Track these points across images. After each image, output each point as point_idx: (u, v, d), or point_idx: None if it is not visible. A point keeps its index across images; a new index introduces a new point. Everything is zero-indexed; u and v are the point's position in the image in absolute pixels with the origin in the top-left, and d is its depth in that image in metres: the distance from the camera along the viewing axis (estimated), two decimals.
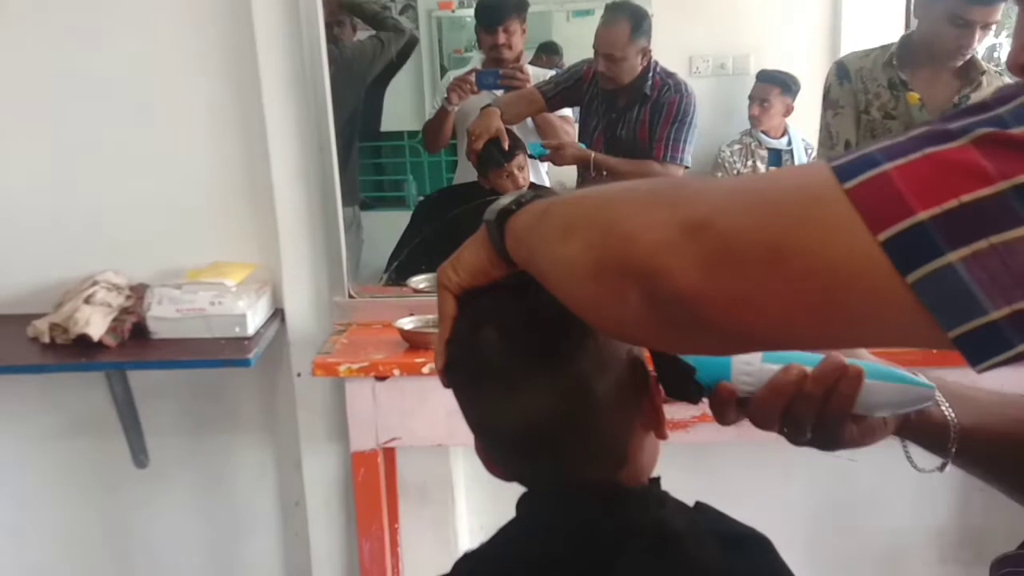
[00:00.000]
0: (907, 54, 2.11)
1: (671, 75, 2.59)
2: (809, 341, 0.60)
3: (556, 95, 2.65)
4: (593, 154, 2.50)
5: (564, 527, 0.73)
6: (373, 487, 1.83)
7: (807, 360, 0.71)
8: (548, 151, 2.53)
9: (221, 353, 1.78)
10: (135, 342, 1.81)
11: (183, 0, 1.87)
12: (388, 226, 2.75)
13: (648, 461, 0.77)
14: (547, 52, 3.41)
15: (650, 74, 2.50)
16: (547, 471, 0.74)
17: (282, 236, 1.92)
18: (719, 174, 3.01)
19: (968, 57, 2.06)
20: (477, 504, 2.19)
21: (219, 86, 1.90)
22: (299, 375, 1.99)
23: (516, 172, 2.37)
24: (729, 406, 0.73)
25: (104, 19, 1.87)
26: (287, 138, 1.87)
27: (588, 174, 2.52)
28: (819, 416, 0.71)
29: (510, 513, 0.78)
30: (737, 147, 3.05)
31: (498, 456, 0.78)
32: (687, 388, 0.72)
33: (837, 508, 2.19)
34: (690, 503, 0.78)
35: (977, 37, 2.00)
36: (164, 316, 1.80)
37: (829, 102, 2.17)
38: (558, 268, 0.59)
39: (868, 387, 0.69)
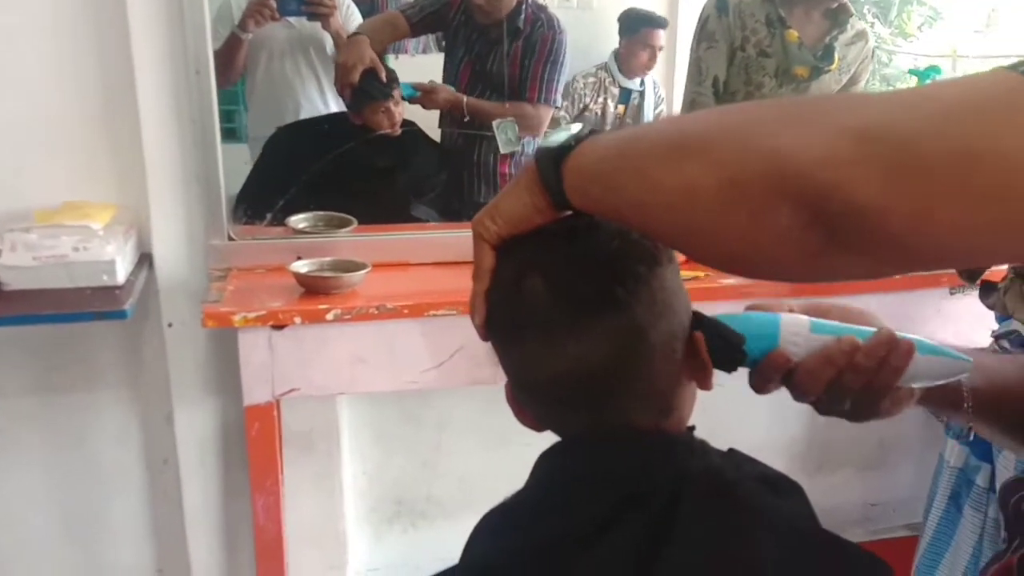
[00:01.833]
0: None
1: (543, 8, 2.53)
2: (995, 254, 0.58)
3: (420, 20, 2.52)
4: (466, 98, 2.41)
5: (617, 474, 0.70)
6: (268, 441, 1.71)
7: (856, 332, 0.71)
8: (418, 93, 2.41)
9: (90, 304, 1.58)
10: None
11: None
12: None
13: (689, 410, 0.76)
14: None
15: (524, 7, 2.43)
16: (592, 419, 0.72)
17: (150, 172, 1.72)
18: (565, 103, 3.02)
19: None
20: (360, 451, 2.12)
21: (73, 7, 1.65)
22: (170, 325, 1.82)
23: (393, 107, 2.25)
24: (777, 375, 0.72)
25: None
26: (156, 57, 1.66)
27: (459, 118, 2.43)
28: (865, 387, 0.71)
29: (393, 459, 0.76)
30: (592, 80, 3.07)
31: (539, 405, 0.75)
32: (734, 356, 0.72)
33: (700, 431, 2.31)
34: None
35: None
36: (18, 265, 1.57)
37: (705, 34, 2.16)
38: (668, 197, 0.54)
39: (915, 360, 0.71)
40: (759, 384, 0.74)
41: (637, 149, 0.57)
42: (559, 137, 0.63)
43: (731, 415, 2.13)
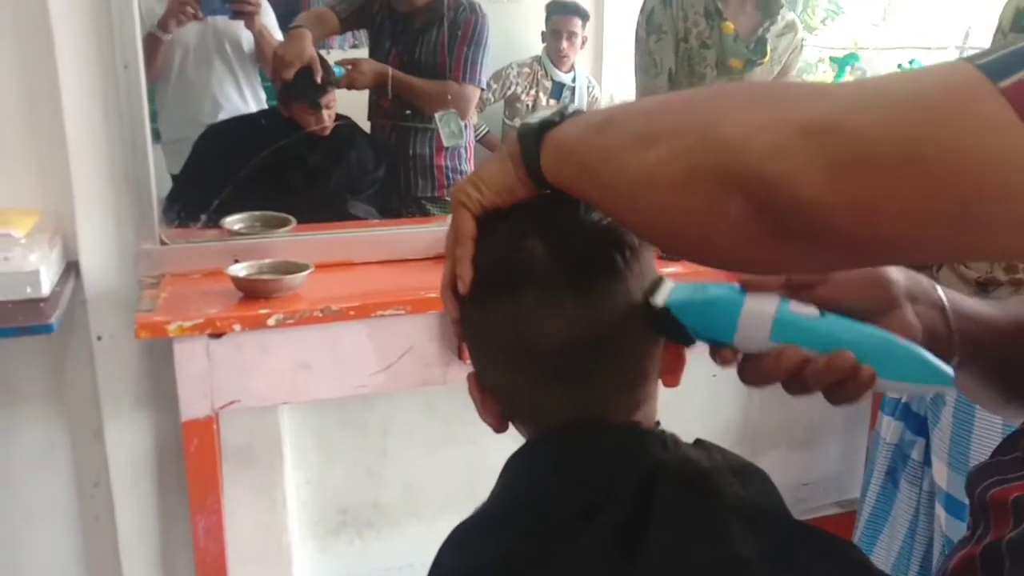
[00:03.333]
0: None
1: None
2: (942, 250, 0.57)
3: (349, 15, 2.46)
4: (391, 71, 2.37)
5: (593, 469, 0.68)
6: (208, 458, 1.63)
7: (821, 339, 0.65)
8: (345, 70, 2.35)
9: (12, 319, 1.47)
10: None
11: None
12: None
13: (656, 405, 0.76)
14: None
15: None
16: (570, 401, 0.70)
17: (75, 174, 1.61)
18: (495, 86, 3.00)
19: None
20: (302, 460, 2.05)
21: None
22: (99, 338, 1.71)
23: (324, 110, 2.17)
24: (725, 367, 0.70)
25: None
26: (80, 51, 1.56)
27: (385, 94, 2.39)
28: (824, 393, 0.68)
29: (336, 465, 0.74)
30: (526, 70, 3.05)
31: (514, 385, 0.72)
32: (680, 334, 0.69)
33: None
34: None
35: None
36: None
37: (652, 26, 2.17)
38: (633, 180, 0.54)
39: (879, 384, 0.65)
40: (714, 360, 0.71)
41: (608, 132, 0.57)
42: (544, 113, 0.64)
43: (666, 403, 2.13)
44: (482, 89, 2.58)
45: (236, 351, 1.59)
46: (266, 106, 2.51)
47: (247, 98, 2.42)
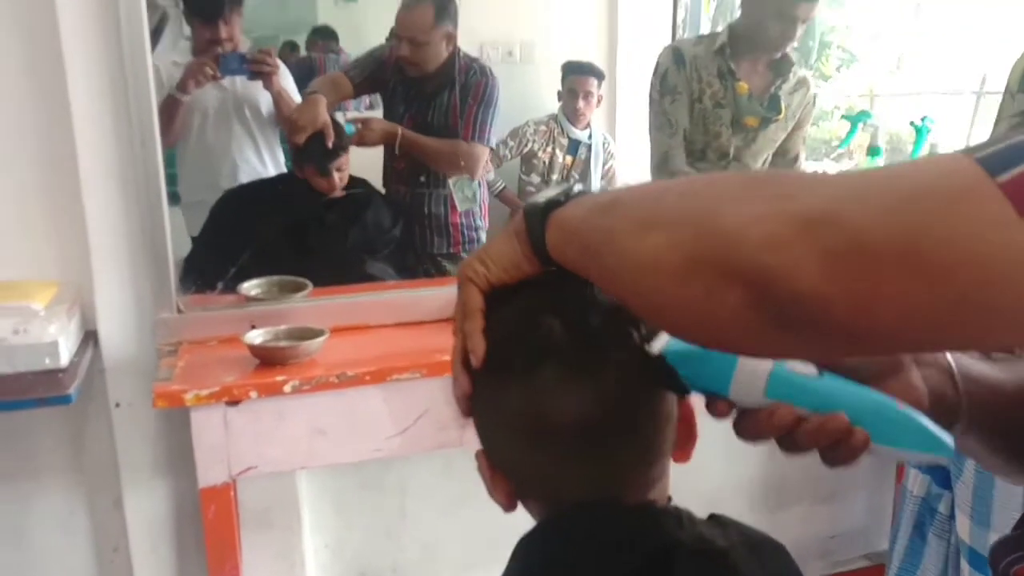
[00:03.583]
0: (735, 44, 2.20)
1: (475, 59, 2.58)
2: (940, 342, 0.58)
3: (363, 80, 2.51)
4: (400, 129, 2.40)
5: (608, 550, 0.68)
6: (226, 524, 1.63)
7: (817, 398, 0.64)
8: (356, 128, 2.38)
9: (31, 391, 1.48)
10: None
11: None
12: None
13: (668, 482, 0.75)
14: (323, 37, 3.24)
15: (456, 59, 2.44)
16: (584, 480, 0.69)
17: (94, 244, 1.64)
18: (511, 143, 3.05)
19: (787, 50, 2.19)
20: (321, 524, 2.04)
21: (4, 61, 1.58)
22: (117, 406, 1.73)
23: (335, 172, 2.21)
24: (720, 418, 0.69)
25: None
26: (99, 124, 1.59)
27: (395, 152, 2.42)
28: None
29: (355, 528, 0.73)
30: (543, 128, 3.09)
31: (526, 465, 0.71)
32: (676, 383, 0.68)
33: None
34: None
35: (799, 31, 2.13)
36: None
37: (667, 87, 2.19)
38: (634, 266, 0.55)
39: (874, 449, 0.64)
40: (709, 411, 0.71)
41: (612, 215, 0.58)
42: (551, 192, 0.65)
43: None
44: (491, 148, 2.62)
45: (253, 418, 1.59)
46: (284, 169, 2.55)
47: (265, 161, 2.47)
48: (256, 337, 1.66)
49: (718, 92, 2.18)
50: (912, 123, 2.90)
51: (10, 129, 1.59)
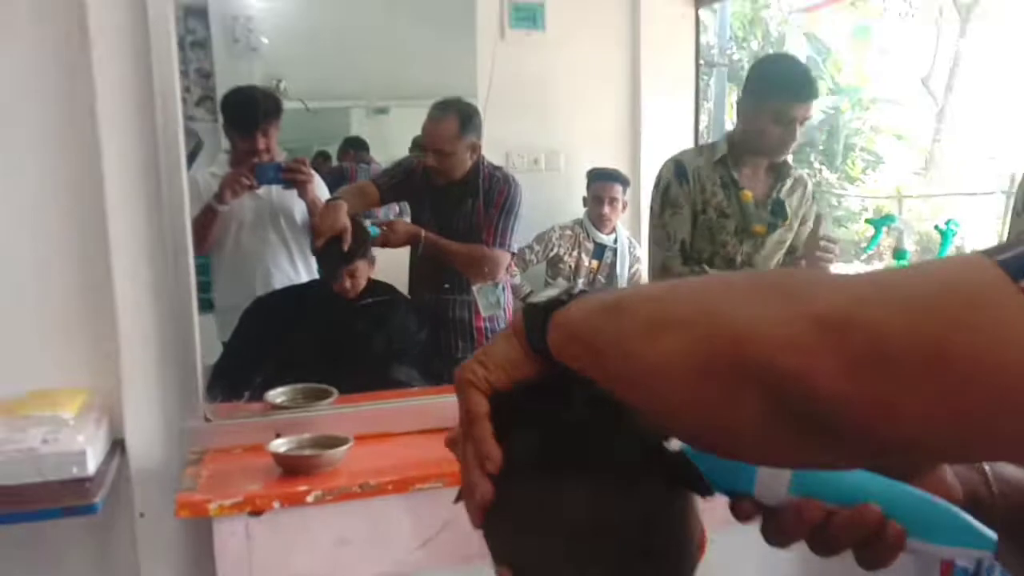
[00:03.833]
0: (735, 153, 2.23)
1: (498, 168, 2.65)
2: (967, 451, 0.54)
3: (390, 189, 2.58)
4: (423, 232, 2.44)
5: None
6: None
7: (843, 492, 0.62)
8: (380, 231, 2.43)
9: (58, 500, 1.49)
10: None
11: (4, 87, 1.61)
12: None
13: None
14: (354, 147, 3.36)
15: (480, 167, 2.51)
16: None
17: (124, 353, 1.67)
18: (537, 247, 3.08)
19: (788, 152, 2.22)
20: None
21: (48, 177, 1.65)
22: (142, 515, 1.72)
23: (356, 272, 2.25)
24: (746, 522, 0.67)
25: None
26: (134, 238, 1.65)
27: (419, 256, 2.46)
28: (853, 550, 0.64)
29: None
30: (568, 233, 3.13)
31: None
32: (697, 483, 0.66)
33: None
34: None
35: (797, 131, 2.16)
36: None
37: (668, 201, 2.21)
38: (644, 369, 0.53)
39: (911, 545, 0.60)
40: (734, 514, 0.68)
41: (617, 316, 0.57)
42: (551, 292, 0.64)
43: (724, 557, 2.06)
44: (513, 253, 2.65)
45: (275, 529, 1.58)
46: (317, 275, 2.61)
47: (299, 268, 2.52)
48: (280, 446, 1.66)
49: (722, 202, 2.20)
50: (937, 227, 2.90)
51: (49, 240, 1.65)
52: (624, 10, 3.52)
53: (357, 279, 2.26)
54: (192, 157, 2.75)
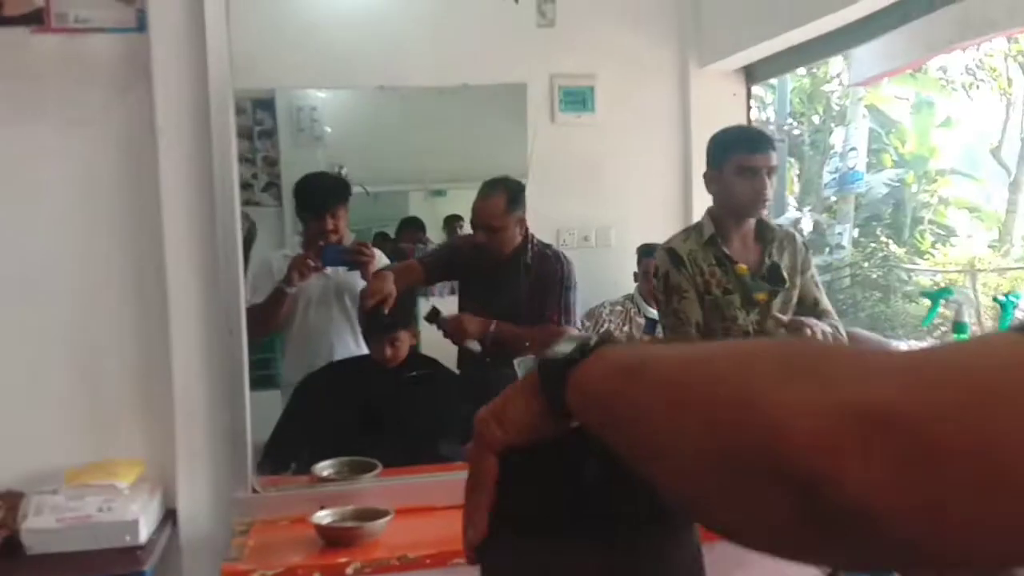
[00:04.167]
0: (720, 229, 2.24)
1: (547, 246, 2.69)
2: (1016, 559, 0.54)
3: (434, 265, 2.67)
4: (494, 323, 2.49)
5: None
6: None
7: None
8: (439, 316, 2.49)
9: (111, 568, 1.57)
10: (4, 561, 1.56)
11: (78, 169, 1.76)
12: (255, 407, 2.61)
13: None
14: (411, 227, 3.47)
15: (529, 245, 2.57)
16: None
17: (179, 427, 1.76)
18: (587, 323, 3.10)
19: (766, 206, 2.21)
20: None
21: (115, 266, 1.77)
22: None
23: (397, 342, 2.32)
24: None
25: None
26: (192, 321, 1.75)
27: (480, 359, 2.49)
28: None
29: None
30: (619, 309, 3.16)
31: None
32: None
33: None
34: None
35: (767, 183, 2.17)
36: (42, 528, 1.58)
37: (671, 288, 2.23)
38: (663, 450, 0.50)
39: None
40: None
41: (640, 382, 0.53)
42: (565, 348, 0.60)
43: None
44: (577, 328, 2.68)
45: None
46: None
47: (361, 344, 2.60)
48: (323, 518, 1.71)
49: (722, 280, 2.22)
50: (995, 298, 2.85)
51: (113, 320, 1.77)
52: (674, 90, 3.60)
53: (398, 348, 2.32)
54: (248, 241, 2.90)
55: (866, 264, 6.99)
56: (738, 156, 2.19)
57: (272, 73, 3.46)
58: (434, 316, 2.52)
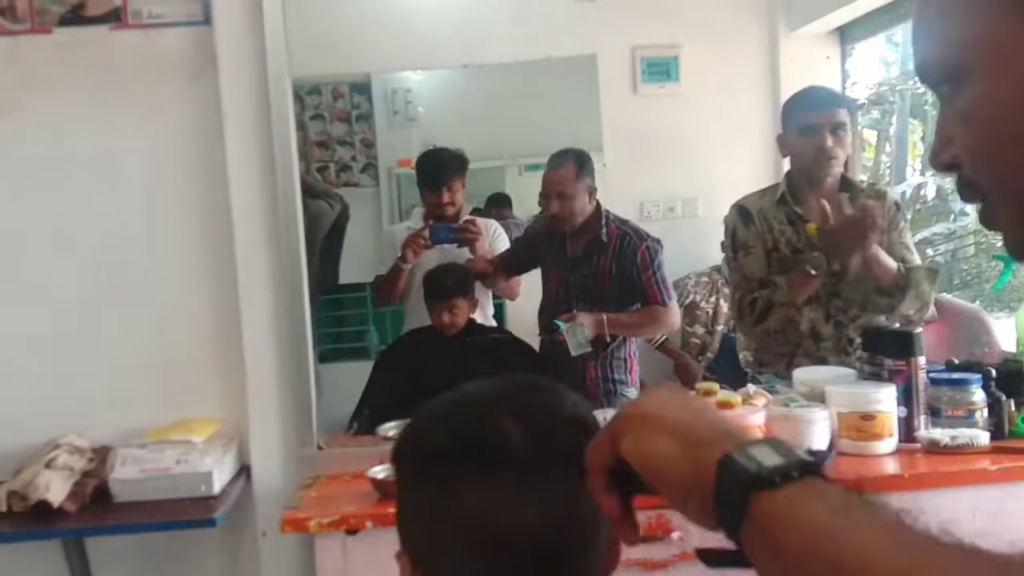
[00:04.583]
0: (794, 189, 2.21)
1: (625, 222, 2.67)
2: None
3: (513, 260, 2.76)
4: (606, 316, 2.48)
5: None
6: None
7: None
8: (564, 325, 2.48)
9: (185, 514, 1.73)
10: (96, 507, 1.75)
11: (154, 155, 1.92)
12: (349, 377, 2.76)
13: None
14: (496, 204, 3.53)
15: (603, 221, 2.58)
16: None
17: (250, 390, 1.91)
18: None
19: (835, 164, 2.13)
20: None
21: (189, 243, 1.93)
22: (264, 534, 1.93)
23: (456, 309, 2.42)
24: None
25: (75, 179, 1.92)
26: (259, 292, 1.90)
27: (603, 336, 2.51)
28: None
29: None
30: (704, 280, 3.15)
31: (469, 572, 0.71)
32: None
33: None
34: None
35: (830, 140, 2.10)
36: (127, 478, 1.75)
37: (738, 244, 2.22)
38: None
39: None
40: None
41: (844, 558, 0.46)
42: (764, 457, 0.51)
43: None
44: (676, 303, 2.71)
45: (370, 547, 1.73)
46: (493, 322, 2.83)
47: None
48: (378, 472, 1.82)
49: (792, 239, 2.17)
50: None
51: (188, 296, 1.95)
52: (763, 55, 3.53)
53: (456, 316, 2.42)
54: (341, 220, 3.06)
55: (990, 232, 6.48)
56: (799, 115, 2.18)
57: (367, 58, 3.62)
58: (553, 328, 2.49)
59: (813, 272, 2.05)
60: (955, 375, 1.79)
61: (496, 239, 2.89)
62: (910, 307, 2.07)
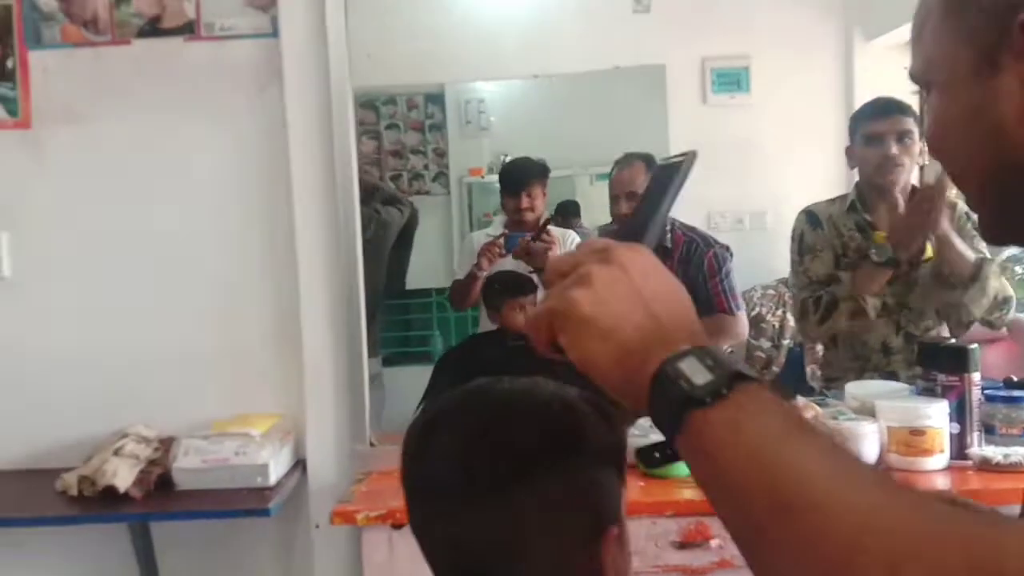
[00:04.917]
0: (863, 198, 2.22)
1: (692, 229, 2.68)
2: None
3: None
4: None
5: None
6: None
7: None
8: None
9: (242, 503, 1.80)
10: (160, 494, 1.84)
11: (223, 161, 2.02)
12: (412, 380, 2.83)
13: None
14: (564, 212, 3.56)
15: (668, 226, 2.58)
16: None
17: (308, 387, 1.98)
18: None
19: (900, 171, 2.10)
20: None
21: (254, 246, 2.02)
22: (317, 526, 2.00)
23: (520, 311, 2.45)
24: None
25: (150, 183, 2.03)
26: (318, 294, 1.97)
27: None
28: None
29: None
30: (771, 292, 3.12)
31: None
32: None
33: None
34: None
35: (895, 148, 2.08)
36: (189, 467, 1.84)
37: (805, 247, 2.23)
38: (774, 565, 0.46)
39: None
40: None
41: (788, 515, 0.45)
42: (693, 373, 0.51)
43: None
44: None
45: (415, 541, 1.77)
46: None
47: None
48: None
49: (861, 245, 2.15)
50: None
51: (251, 297, 2.03)
52: (837, 66, 3.49)
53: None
54: (410, 227, 3.14)
55: None
56: (865, 124, 2.18)
57: (441, 69, 3.71)
58: None
59: (878, 261, 2.04)
60: (1010, 392, 1.75)
61: (572, 247, 2.91)
62: (975, 301, 2.02)
